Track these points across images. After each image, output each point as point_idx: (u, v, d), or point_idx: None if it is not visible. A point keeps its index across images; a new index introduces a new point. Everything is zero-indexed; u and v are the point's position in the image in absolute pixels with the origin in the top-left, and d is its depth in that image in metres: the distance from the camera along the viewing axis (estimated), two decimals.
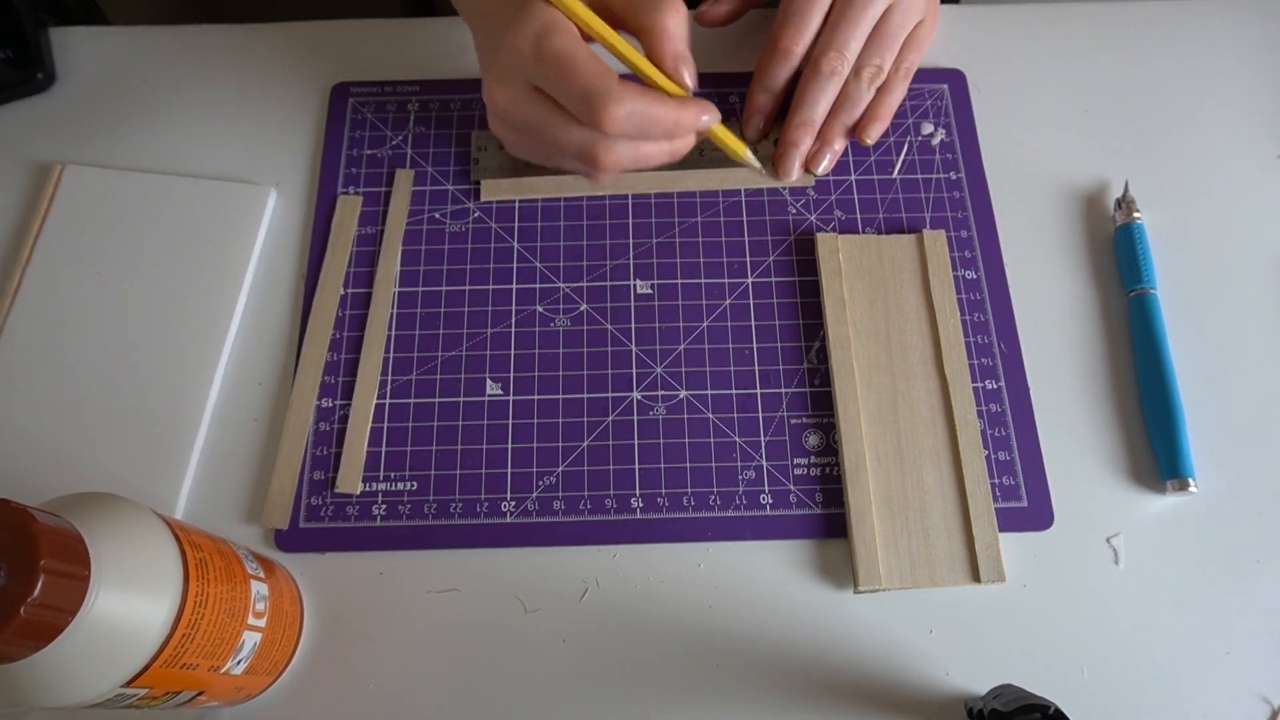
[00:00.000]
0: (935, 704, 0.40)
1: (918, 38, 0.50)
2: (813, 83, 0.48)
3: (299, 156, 0.51)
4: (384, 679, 0.41)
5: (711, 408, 0.45)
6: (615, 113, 0.38)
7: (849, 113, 0.49)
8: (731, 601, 0.42)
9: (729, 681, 0.41)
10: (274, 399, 0.46)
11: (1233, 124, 0.52)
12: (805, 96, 0.48)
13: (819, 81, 0.48)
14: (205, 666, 0.33)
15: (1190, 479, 0.43)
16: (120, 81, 0.54)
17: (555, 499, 0.43)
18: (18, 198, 0.50)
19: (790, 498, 0.43)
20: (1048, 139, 0.52)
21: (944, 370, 0.45)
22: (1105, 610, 0.42)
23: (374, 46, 0.54)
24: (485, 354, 0.46)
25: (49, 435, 0.44)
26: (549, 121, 0.40)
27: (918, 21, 0.49)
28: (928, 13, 0.50)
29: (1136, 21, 0.55)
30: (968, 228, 0.49)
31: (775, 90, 0.50)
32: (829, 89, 0.48)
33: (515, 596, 0.42)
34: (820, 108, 0.49)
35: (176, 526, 0.33)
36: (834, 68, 0.47)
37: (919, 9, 0.49)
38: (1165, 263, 0.48)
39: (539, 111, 0.40)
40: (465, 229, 0.49)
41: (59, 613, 0.27)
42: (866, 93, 0.49)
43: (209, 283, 0.48)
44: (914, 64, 0.50)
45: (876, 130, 0.50)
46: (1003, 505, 0.43)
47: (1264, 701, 0.40)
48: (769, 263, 0.48)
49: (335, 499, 0.43)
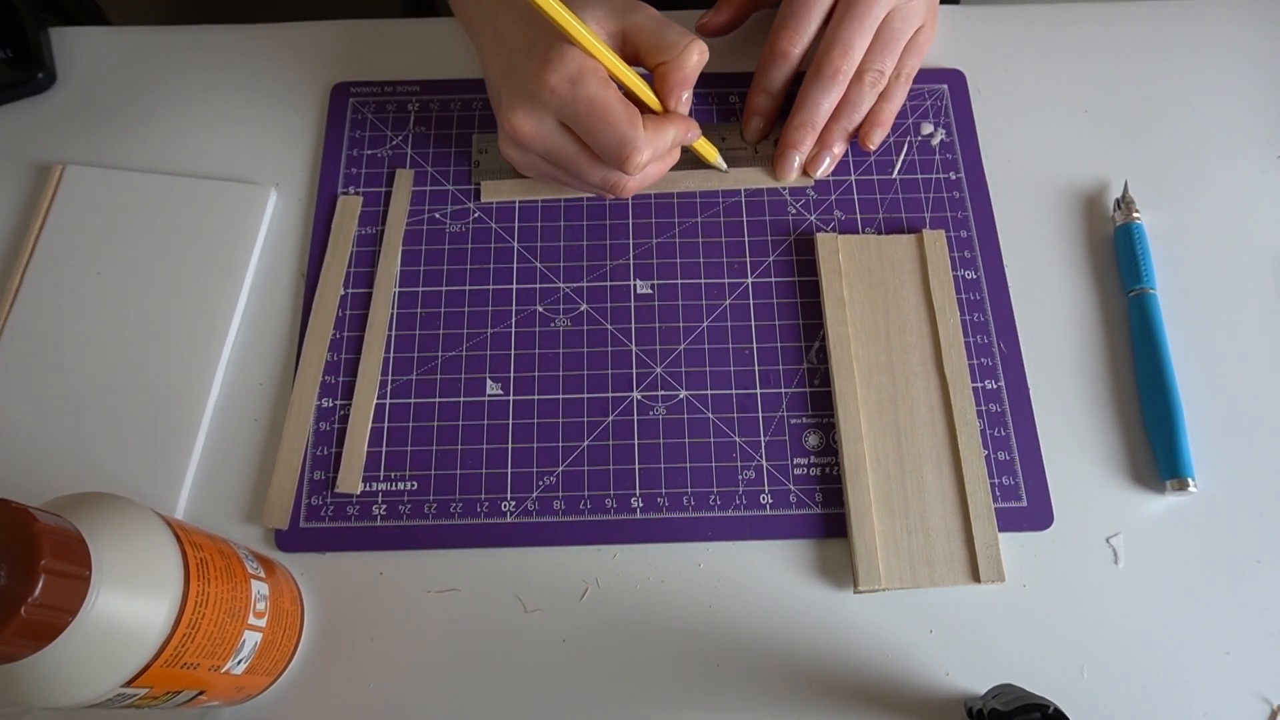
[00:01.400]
0: (935, 704, 0.40)
1: (918, 43, 0.50)
2: (815, 84, 0.48)
3: (299, 156, 0.51)
4: (384, 679, 0.41)
5: (711, 408, 0.45)
6: (641, 159, 0.42)
7: (850, 117, 0.49)
8: (731, 601, 0.42)
9: (729, 681, 0.41)
10: (274, 399, 0.46)
11: (1233, 124, 0.52)
12: (807, 98, 0.48)
13: (821, 83, 0.48)
14: (206, 666, 0.33)
15: (1190, 479, 0.43)
16: (120, 81, 0.54)
17: (555, 499, 0.43)
18: (18, 198, 0.50)
19: (790, 498, 0.43)
20: (1047, 139, 0.52)
21: (944, 370, 0.45)
22: (1105, 610, 0.42)
23: (374, 46, 0.54)
24: (485, 354, 0.46)
25: (49, 435, 0.44)
26: (574, 158, 0.43)
27: (918, 26, 0.49)
28: (928, 18, 0.50)
29: (1136, 21, 0.55)
30: (967, 228, 0.49)
31: (773, 92, 0.50)
32: (831, 91, 0.48)
33: (515, 596, 0.42)
34: (822, 109, 0.49)
35: (177, 526, 0.33)
36: (837, 69, 0.47)
37: (920, 14, 0.49)
38: (1165, 263, 0.48)
39: (564, 146, 0.43)
40: (465, 229, 0.49)
41: (59, 613, 0.27)
42: (869, 97, 0.49)
43: (209, 283, 0.48)
44: (914, 69, 0.50)
45: (878, 136, 0.50)
46: (1002, 505, 0.43)
47: (1264, 701, 0.40)
48: (769, 263, 0.48)
49: (335, 499, 0.43)
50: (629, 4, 0.44)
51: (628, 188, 0.45)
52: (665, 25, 0.43)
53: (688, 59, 0.43)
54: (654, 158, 0.43)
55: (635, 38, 0.43)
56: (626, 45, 0.44)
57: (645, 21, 0.43)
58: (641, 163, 0.42)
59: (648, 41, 0.43)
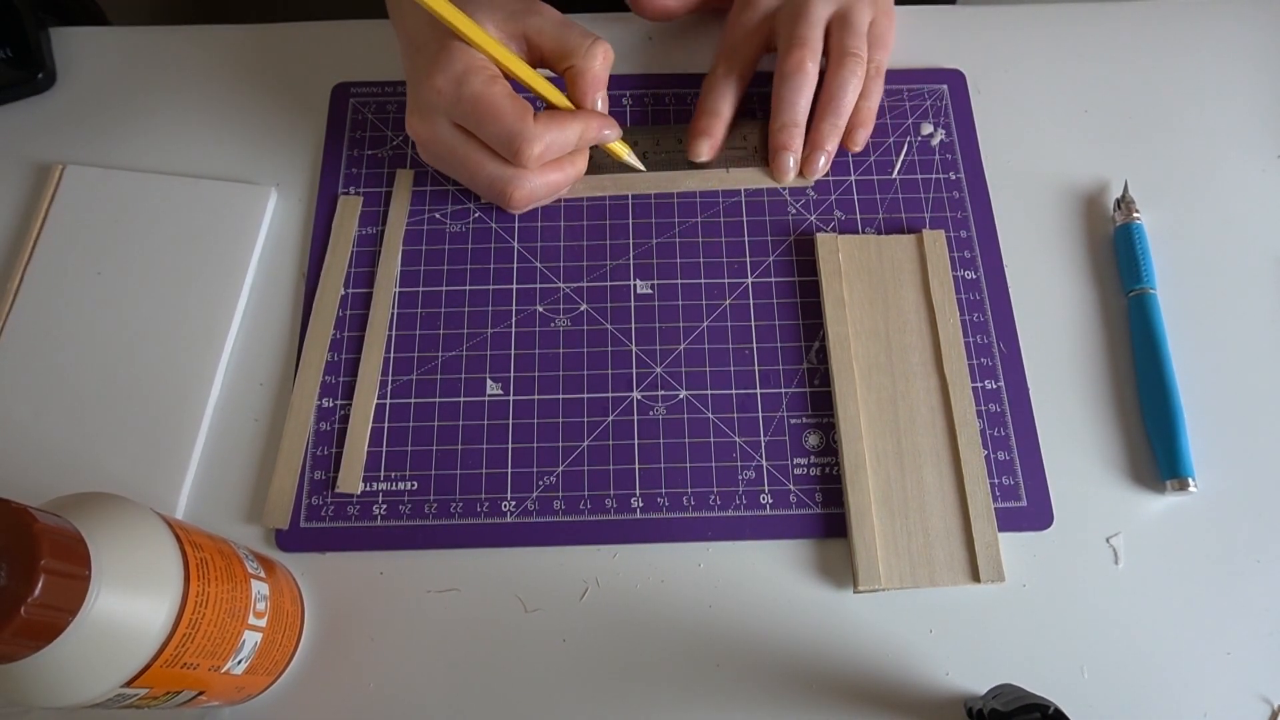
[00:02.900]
0: (935, 704, 0.40)
1: (878, 35, 0.50)
2: (783, 84, 0.48)
3: (300, 157, 0.51)
4: (384, 679, 0.41)
5: (711, 408, 0.45)
6: (534, 151, 0.41)
7: (837, 111, 0.48)
8: (731, 601, 0.42)
9: (729, 681, 0.41)
10: (274, 399, 0.46)
11: (1233, 124, 0.52)
12: (781, 99, 0.48)
13: (788, 80, 0.48)
14: (206, 666, 0.33)
15: (1190, 479, 0.43)
16: (120, 81, 0.54)
17: (555, 499, 0.43)
18: (18, 198, 0.50)
19: (790, 497, 0.43)
20: (1047, 139, 0.52)
21: (944, 370, 0.45)
22: (1105, 610, 0.42)
23: (374, 46, 0.54)
24: (485, 354, 0.46)
25: (49, 435, 0.44)
26: (469, 156, 0.43)
27: (870, 18, 0.49)
28: (878, 10, 0.50)
29: (1136, 21, 0.55)
30: (967, 228, 0.49)
31: (719, 113, 0.49)
32: (802, 86, 0.48)
33: (515, 596, 0.42)
34: (799, 107, 0.48)
35: (177, 526, 0.33)
36: (799, 62, 0.47)
37: (867, 5, 0.49)
38: (1165, 263, 0.48)
39: (459, 146, 0.43)
40: (465, 229, 0.49)
41: (59, 613, 0.27)
42: (851, 85, 0.48)
43: (209, 283, 0.48)
44: (883, 62, 0.50)
45: (862, 136, 0.50)
46: (1002, 505, 0.43)
47: (1264, 701, 0.40)
48: (769, 263, 0.48)
49: (336, 499, 0.43)
50: (528, 7, 0.44)
51: (521, 192, 0.44)
52: (567, 27, 0.43)
53: (592, 61, 0.42)
54: (552, 151, 0.42)
55: (537, 40, 0.43)
56: (531, 49, 0.44)
57: (545, 24, 0.43)
58: (534, 154, 0.41)
59: (550, 45, 0.43)
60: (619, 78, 0.53)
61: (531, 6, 0.44)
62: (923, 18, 0.55)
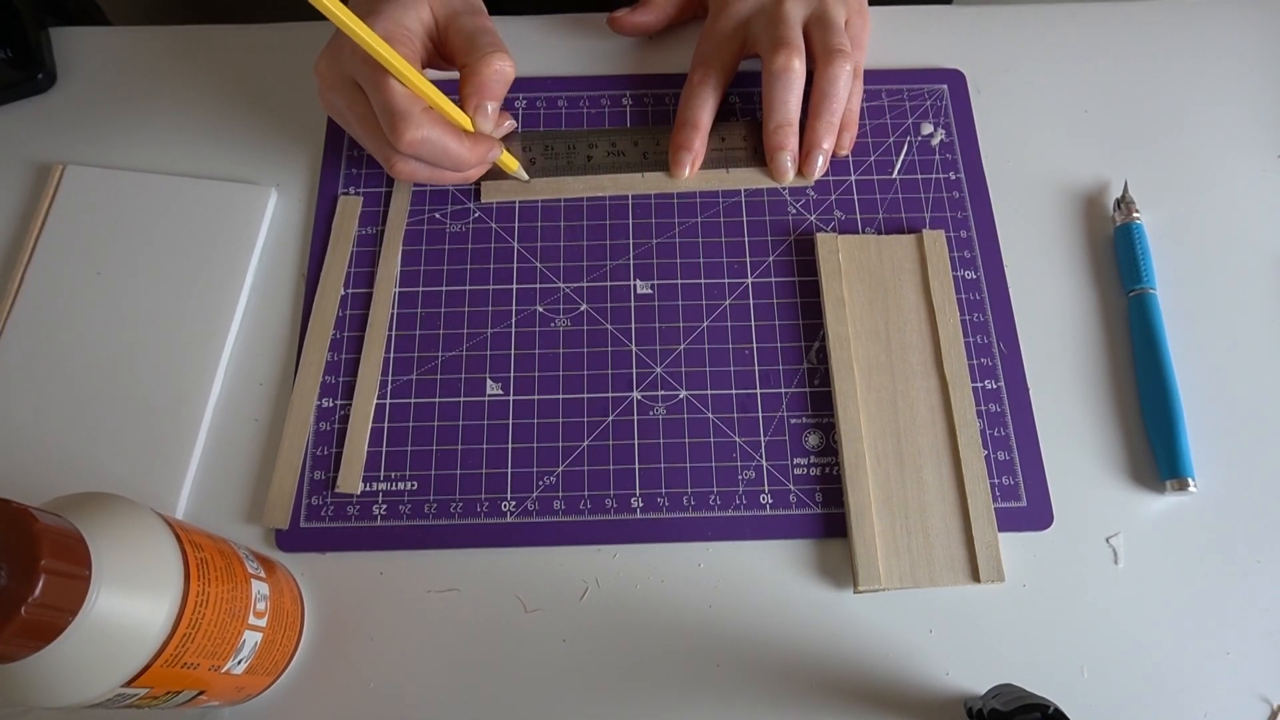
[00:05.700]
0: (935, 704, 0.40)
1: (853, 35, 0.50)
2: (771, 87, 0.48)
3: (300, 157, 0.51)
4: (384, 679, 0.41)
5: (711, 408, 0.45)
6: (411, 135, 0.41)
7: (830, 108, 0.48)
8: (731, 601, 0.42)
9: (729, 681, 0.41)
10: (274, 399, 0.46)
11: (1233, 124, 0.52)
12: (772, 101, 0.48)
13: (776, 82, 0.47)
14: (206, 666, 0.33)
15: (1190, 479, 0.43)
16: (120, 81, 0.54)
17: (555, 499, 0.43)
18: (18, 198, 0.50)
19: (790, 497, 0.43)
20: (1047, 139, 0.52)
21: (944, 370, 0.45)
22: (1105, 610, 0.42)
23: None
24: (485, 354, 0.46)
25: (49, 435, 0.44)
26: (356, 117, 0.43)
27: (845, 17, 0.49)
28: (850, 10, 0.50)
29: (1136, 22, 0.55)
30: (967, 228, 0.49)
31: (698, 123, 0.49)
32: (791, 86, 0.48)
33: (515, 596, 0.42)
34: (790, 106, 0.48)
35: (177, 526, 0.33)
36: (784, 64, 0.47)
37: (840, 5, 0.49)
38: (1165, 263, 0.48)
39: (351, 103, 0.43)
40: (465, 229, 0.49)
41: (59, 612, 0.27)
42: (842, 82, 0.47)
43: (210, 283, 0.48)
44: (860, 62, 0.50)
45: (848, 140, 0.50)
46: (1002, 505, 0.43)
47: (1264, 701, 0.40)
48: (769, 263, 0.48)
49: (336, 499, 0.43)
50: (469, 6, 0.44)
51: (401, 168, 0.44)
52: (483, 33, 0.43)
53: (484, 65, 0.42)
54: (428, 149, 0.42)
55: (455, 38, 0.43)
56: (447, 45, 0.44)
57: (466, 24, 0.43)
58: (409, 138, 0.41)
59: (460, 42, 0.43)
60: (619, 78, 0.53)
61: (472, 6, 0.45)
62: (923, 18, 0.56)
